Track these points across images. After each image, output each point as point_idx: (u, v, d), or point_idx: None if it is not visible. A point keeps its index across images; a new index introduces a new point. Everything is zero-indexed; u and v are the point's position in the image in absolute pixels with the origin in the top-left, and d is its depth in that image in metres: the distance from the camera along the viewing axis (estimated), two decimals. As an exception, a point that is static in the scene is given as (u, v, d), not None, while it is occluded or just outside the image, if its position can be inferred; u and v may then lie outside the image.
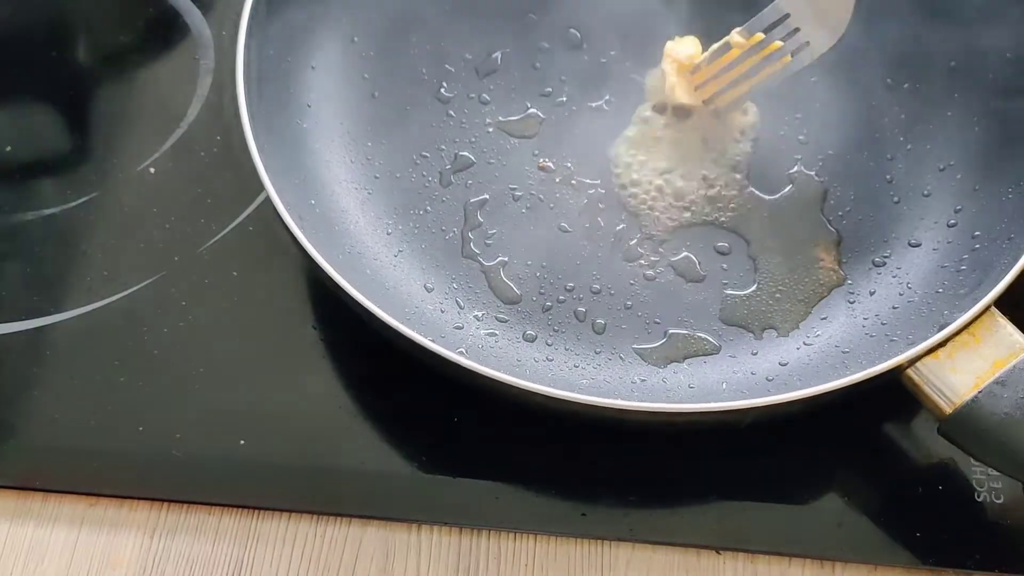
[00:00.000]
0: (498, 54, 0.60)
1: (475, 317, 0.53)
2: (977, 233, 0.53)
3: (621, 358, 0.52)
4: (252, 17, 0.54)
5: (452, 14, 0.61)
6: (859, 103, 0.58)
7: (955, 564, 0.49)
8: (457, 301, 0.54)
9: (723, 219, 0.56)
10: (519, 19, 0.61)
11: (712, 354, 0.52)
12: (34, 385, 0.54)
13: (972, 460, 0.50)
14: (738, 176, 0.57)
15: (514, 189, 0.57)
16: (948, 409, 0.45)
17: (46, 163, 0.62)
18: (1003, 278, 0.47)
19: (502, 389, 0.46)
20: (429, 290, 0.54)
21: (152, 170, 0.60)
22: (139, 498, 0.51)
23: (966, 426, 0.45)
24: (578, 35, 0.61)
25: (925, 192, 0.55)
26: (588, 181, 0.57)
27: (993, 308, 0.47)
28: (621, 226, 0.56)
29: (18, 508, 0.51)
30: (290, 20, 0.56)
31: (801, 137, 0.58)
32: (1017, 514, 0.49)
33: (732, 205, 0.56)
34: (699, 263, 0.55)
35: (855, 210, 0.56)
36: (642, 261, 0.55)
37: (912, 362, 0.46)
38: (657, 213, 0.56)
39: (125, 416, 0.53)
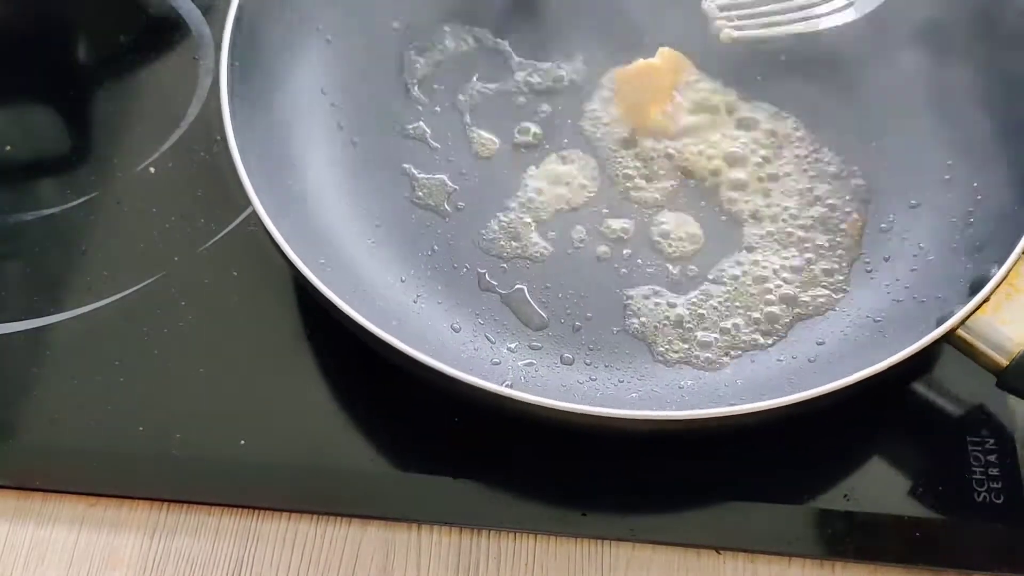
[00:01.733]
0: (474, 78, 0.60)
1: (508, 349, 0.52)
2: (975, 184, 0.53)
3: (664, 365, 0.52)
4: (230, 88, 0.53)
5: (415, 50, 0.61)
6: (843, 74, 0.59)
7: (955, 564, 0.49)
8: (487, 336, 0.53)
9: (740, 211, 0.56)
10: (491, 44, 0.61)
11: (751, 348, 0.52)
12: (34, 385, 0.54)
13: (971, 461, 0.50)
14: (748, 165, 0.57)
15: (516, 214, 0.56)
16: (1005, 361, 0.47)
17: (46, 163, 0.62)
18: None
19: (558, 417, 0.45)
20: (456, 331, 0.53)
21: (152, 170, 0.60)
22: (139, 498, 0.51)
23: None
24: (556, 54, 0.61)
25: (914, 152, 0.56)
26: (593, 196, 0.57)
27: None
28: (636, 234, 0.56)
29: (18, 508, 0.51)
30: (263, 83, 0.56)
31: (785, 113, 0.58)
32: (1017, 514, 0.49)
33: (746, 197, 0.56)
34: (722, 257, 0.55)
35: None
36: (665, 264, 0.55)
37: (962, 322, 0.47)
38: (667, 213, 0.56)
39: (125, 416, 0.53)
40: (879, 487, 0.51)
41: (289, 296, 0.56)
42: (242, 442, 0.52)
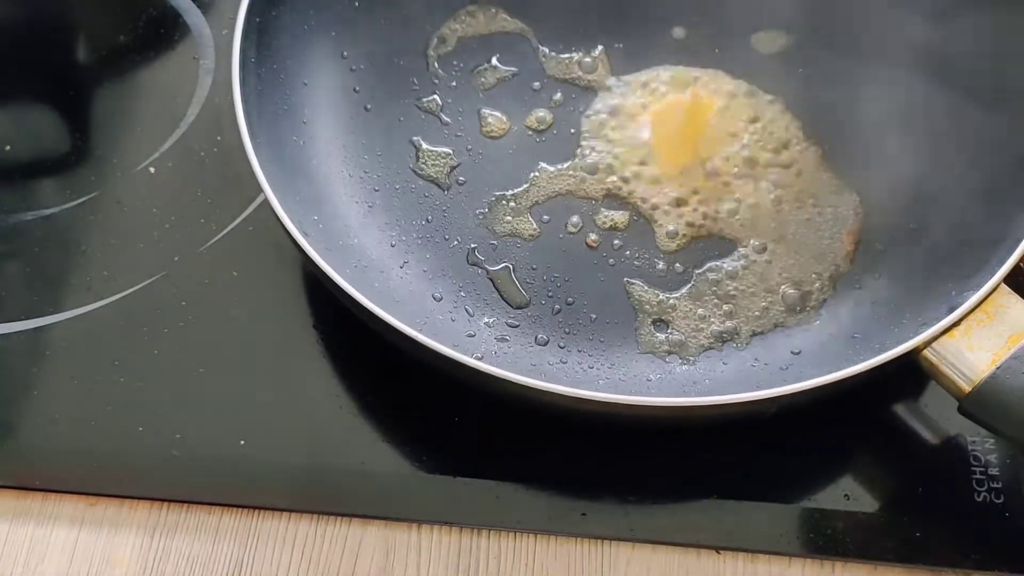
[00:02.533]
0: (494, 59, 0.60)
1: (485, 324, 0.53)
2: (976, 213, 0.53)
3: (635, 356, 0.52)
4: (245, 39, 0.54)
5: (440, 25, 0.61)
6: (860, 95, 0.58)
7: (955, 564, 0.49)
8: (466, 309, 0.54)
9: (733, 215, 0.56)
10: (514, 27, 0.61)
11: (725, 350, 0.52)
12: (34, 385, 0.54)
13: (971, 460, 0.50)
14: (746, 171, 0.57)
15: (515, 195, 0.57)
16: (967, 387, 0.46)
17: (46, 163, 0.62)
18: (1010, 256, 0.47)
19: (522, 393, 0.45)
20: (437, 299, 0.54)
21: (152, 170, 0.60)
22: (139, 498, 0.51)
23: (987, 403, 0.46)
24: (577, 45, 0.61)
25: (913, 179, 0.55)
26: (592, 186, 0.57)
27: (1003, 285, 0.47)
28: (629, 227, 0.56)
29: (18, 508, 0.51)
30: (282, 39, 0.56)
31: (796, 125, 0.58)
32: (1017, 514, 0.49)
33: (742, 202, 0.56)
34: (711, 259, 0.55)
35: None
36: (653, 259, 0.55)
37: (928, 343, 0.46)
38: (665, 211, 0.56)
39: (125, 416, 0.53)
40: (879, 487, 0.51)
41: (290, 296, 0.56)
42: (242, 442, 0.52)
